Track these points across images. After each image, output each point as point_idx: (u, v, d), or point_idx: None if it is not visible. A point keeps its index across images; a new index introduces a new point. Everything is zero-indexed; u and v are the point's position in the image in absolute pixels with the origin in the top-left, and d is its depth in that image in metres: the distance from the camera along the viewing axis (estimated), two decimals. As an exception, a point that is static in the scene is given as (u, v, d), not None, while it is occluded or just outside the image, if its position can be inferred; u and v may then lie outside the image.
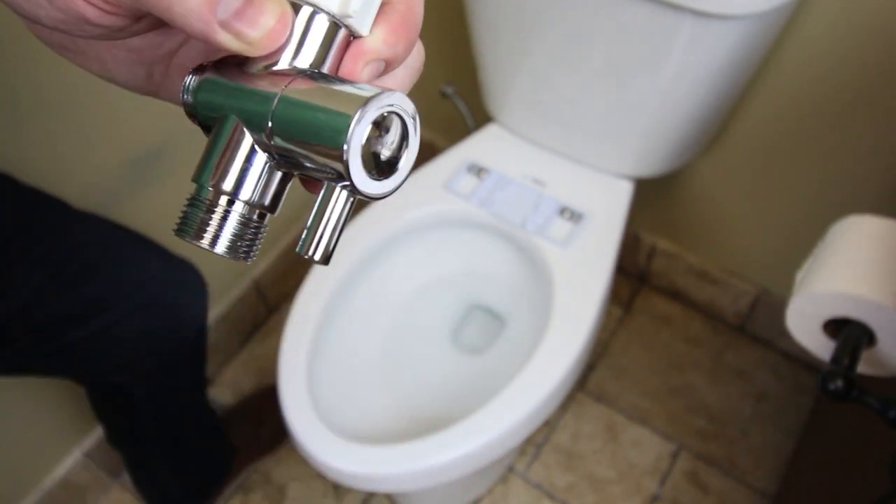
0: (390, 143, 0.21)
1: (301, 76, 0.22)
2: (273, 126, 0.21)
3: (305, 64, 0.22)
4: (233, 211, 0.22)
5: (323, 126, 0.20)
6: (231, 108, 0.22)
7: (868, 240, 0.57)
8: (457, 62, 1.33)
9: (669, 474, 1.24)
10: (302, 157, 0.21)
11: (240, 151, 0.22)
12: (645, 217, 1.35)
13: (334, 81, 0.21)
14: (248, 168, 0.22)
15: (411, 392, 1.00)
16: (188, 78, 0.24)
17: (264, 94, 0.21)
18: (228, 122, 0.22)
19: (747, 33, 0.79)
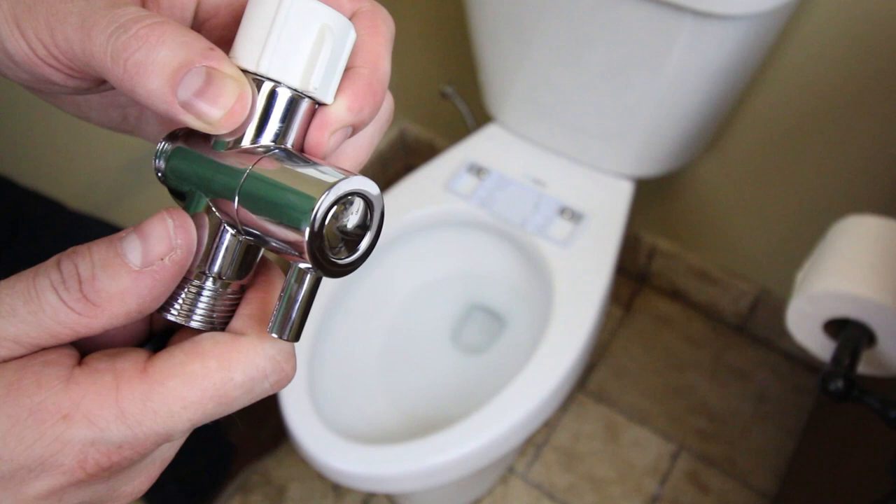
0: (353, 224, 0.22)
1: (267, 156, 0.22)
2: (239, 207, 0.22)
3: (270, 137, 0.23)
4: (205, 287, 0.23)
5: (284, 211, 0.21)
6: (200, 183, 0.23)
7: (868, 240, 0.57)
8: (457, 62, 1.33)
9: (669, 474, 1.24)
10: (266, 238, 0.22)
11: (209, 230, 0.23)
12: (645, 217, 1.35)
13: (298, 162, 0.22)
14: (218, 246, 0.23)
15: (411, 392, 1.00)
16: (160, 144, 0.24)
17: (231, 174, 0.22)
18: (197, 199, 0.23)
19: (747, 33, 0.79)
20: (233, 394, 0.21)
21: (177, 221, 0.21)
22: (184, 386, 0.20)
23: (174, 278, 0.21)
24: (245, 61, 0.22)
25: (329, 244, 0.21)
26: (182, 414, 0.20)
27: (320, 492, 1.23)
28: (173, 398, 0.20)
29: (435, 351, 1.06)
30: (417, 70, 1.43)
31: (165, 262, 0.20)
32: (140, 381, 0.20)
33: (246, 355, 0.21)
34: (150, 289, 0.20)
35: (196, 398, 0.20)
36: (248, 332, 0.22)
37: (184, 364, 0.20)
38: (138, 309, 0.20)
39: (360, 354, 1.01)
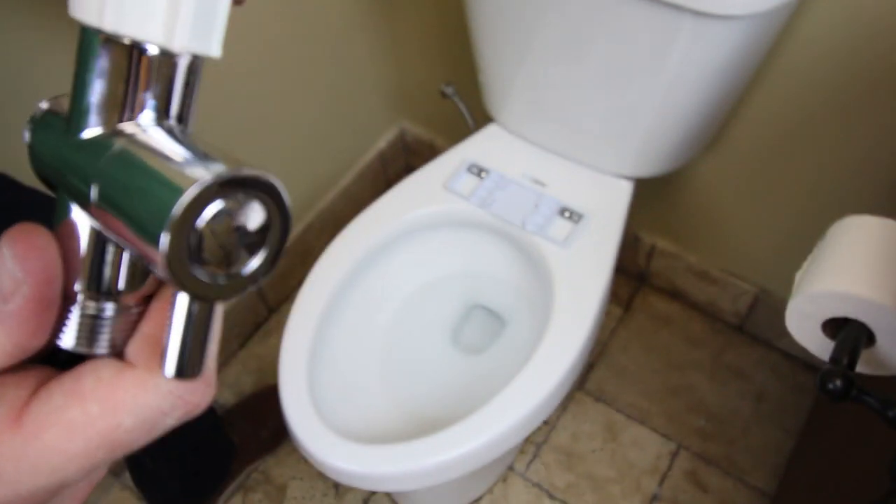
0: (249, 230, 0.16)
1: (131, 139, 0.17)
2: (96, 211, 0.17)
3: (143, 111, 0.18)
4: (88, 308, 0.19)
5: (139, 216, 0.16)
6: (59, 177, 0.18)
7: (867, 240, 0.57)
8: (457, 62, 1.33)
9: (669, 474, 1.24)
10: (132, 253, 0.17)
11: (85, 237, 0.18)
12: (645, 217, 1.35)
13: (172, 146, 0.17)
14: (98, 256, 0.18)
15: (411, 391, 1.00)
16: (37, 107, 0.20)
17: (84, 168, 0.17)
18: (64, 202, 0.18)
19: (747, 33, 0.80)
20: (124, 439, 0.18)
21: (19, 248, 0.17)
22: (64, 438, 0.17)
23: (40, 311, 0.18)
24: (85, 13, 0.17)
25: (209, 258, 0.16)
26: (67, 466, 0.17)
27: (321, 491, 1.23)
28: (53, 452, 0.17)
29: (435, 351, 1.06)
30: (417, 70, 1.43)
31: (18, 299, 0.17)
32: (13, 433, 0.17)
33: (134, 396, 0.18)
34: (16, 327, 0.17)
35: (80, 450, 0.17)
36: (139, 361, 0.19)
37: (62, 410, 0.17)
38: (15, 347, 0.18)
39: (360, 354, 1.01)
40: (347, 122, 1.44)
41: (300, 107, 1.29)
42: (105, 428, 0.17)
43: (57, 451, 0.17)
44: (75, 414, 0.17)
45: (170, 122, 0.18)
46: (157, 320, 0.19)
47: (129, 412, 0.18)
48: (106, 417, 0.17)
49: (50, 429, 0.17)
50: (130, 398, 0.18)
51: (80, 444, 0.17)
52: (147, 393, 0.18)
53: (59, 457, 0.17)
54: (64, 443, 0.17)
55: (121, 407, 0.18)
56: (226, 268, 0.17)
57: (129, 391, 0.18)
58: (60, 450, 0.17)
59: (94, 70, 0.17)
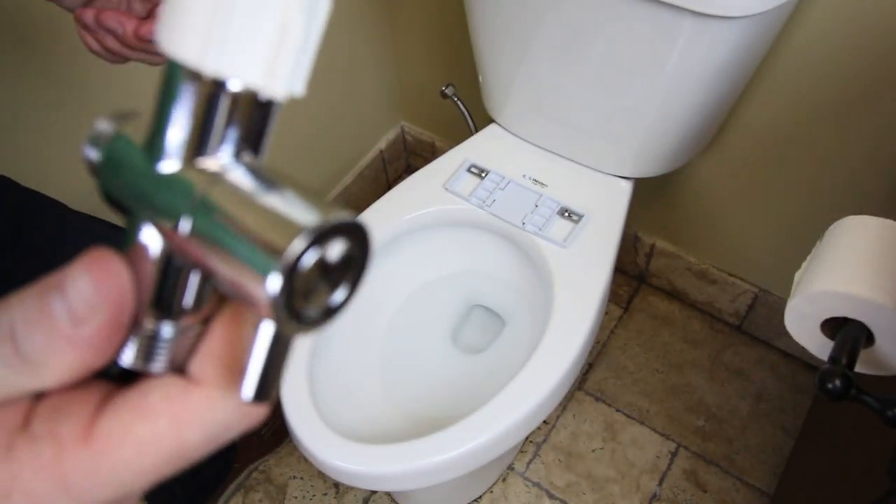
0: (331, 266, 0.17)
1: (223, 175, 0.18)
2: (187, 243, 0.18)
3: (226, 147, 0.18)
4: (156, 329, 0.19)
5: (244, 257, 0.16)
6: (139, 201, 0.18)
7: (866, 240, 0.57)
8: (457, 62, 1.33)
9: (668, 473, 1.24)
10: (223, 286, 0.18)
11: (156, 261, 0.19)
12: (644, 217, 1.35)
13: (264, 187, 0.17)
14: (168, 279, 0.19)
15: (411, 391, 1.00)
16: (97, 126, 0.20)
17: (177, 199, 0.18)
18: (137, 221, 0.19)
19: (746, 34, 0.80)
20: (190, 454, 0.18)
21: (97, 273, 0.17)
22: (133, 453, 0.18)
23: (112, 334, 0.18)
24: (183, 51, 0.17)
25: (300, 298, 0.17)
26: (134, 482, 0.18)
27: (321, 490, 1.23)
28: (122, 468, 0.17)
29: (435, 350, 1.07)
30: (417, 70, 1.43)
31: (93, 324, 0.17)
32: (83, 450, 0.17)
33: (202, 412, 0.18)
34: (88, 348, 0.18)
35: (148, 464, 0.18)
36: (206, 378, 0.19)
37: (131, 426, 0.18)
38: (84, 366, 0.18)
39: (360, 354, 1.02)
40: (348, 122, 1.44)
41: (301, 108, 1.29)
42: (173, 443, 0.18)
43: (126, 467, 0.18)
44: (144, 430, 0.18)
45: (251, 159, 0.18)
46: (221, 340, 0.20)
47: (197, 428, 0.18)
48: (174, 434, 0.18)
49: (119, 445, 0.18)
50: (199, 415, 0.18)
51: (149, 460, 0.18)
52: (215, 410, 0.18)
53: (127, 472, 0.18)
54: (133, 458, 0.18)
55: (189, 423, 0.18)
56: (317, 302, 0.17)
57: (198, 408, 0.18)
58: (130, 466, 0.18)
59: (180, 104, 0.17)
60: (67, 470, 0.17)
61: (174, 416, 0.18)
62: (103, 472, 0.17)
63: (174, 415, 0.18)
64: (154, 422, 0.18)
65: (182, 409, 0.18)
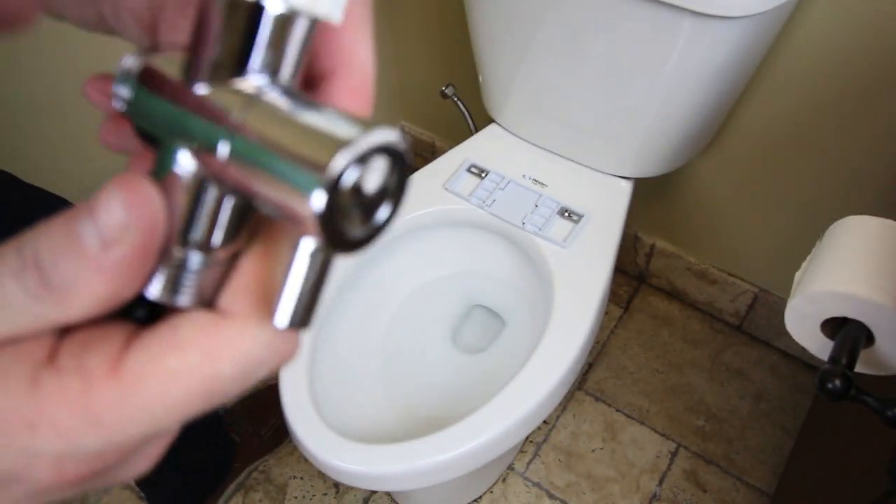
0: (373, 187, 0.17)
1: (261, 97, 0.18)
2: (227, 166, 0.17)
3: (262, 68, 0.18)
4: (186, 259, 0.19)
5: (288, 176, 0.16)
6: (173, 129, 0.18)
7: (866, 240, 0.57)
8: (457, 62, 1.33)
9: (668, 473, 1.24)
10: (264, 205, 0.18)
11: (189, 190, 0.18)
12: (644, 217, 1.35)
13: (302, 106, 0.17)
14: (201, 208, 0.19)
15: (411, 391, 1.01)
16: (124, 63, 0.20)
17: (215, 123, 0.18)
18: (171, 151, 0.18)
19: (746, 34, 0.80)
20: (222, 388, 0.18)
21: (129, 195, 0.17)
22: (164, 387, 0.17)
23: (141, 260, 0.17)
24: None
25: (343, 215, 0.17)
26: (165, 416, 0.17)
27: (321, 490, 1.23)
28: (153, 401, 0.17)
29: (435, 350, 1.07)
30: (417, 70, 1.43)
31: (124, 247, 0.17)
32: (113, 382, 0.17)
33: (235, 343, 0.18)
34: (117, 275, 0.17)
35: (179, 398, 0.17)
36: (238, 310, 0.18)
37: (161, 359, 0.17)
38: (113, 296, 0.17)
39: (360, 354, 1.02)
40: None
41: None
42: (205, 376, 0.17)
43: (156, 401, 0.17)
44: (175, 362, 0.17)
45: (288, 82, 0.18)
46: (253, 273, 0.19)
47: (230, 360, 0.18)
48: (206, 366, 0.17)
49: (150, 378, 0.17)
50: (231, 346, 0.18)
51: (180, 393, 0.17)
52: (247, 341, 0.18)
53: (158, 406, 0.17)
54: (164, 392, 0.17)
55: (221, 355, 0.18)
56: (361, 220, 0.17)
57: (231, 339, 0.18)
58: (160, 399, 0.17)
59: (218, 24, 0.17)
60: (96, 403, 0.17)
61: (206, 348, 0.18)
62: (133, 406, 0.17)
63: (206, 346, 0.18)
64: (185, 353, 0.17)
65: (214, 340, 0.18)
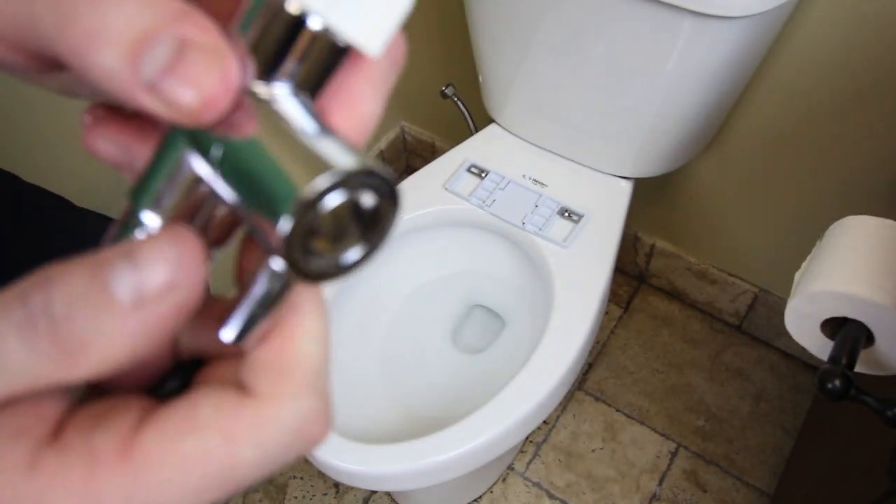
0: (354, 222, 0.17)
1: (275, 105, 0.18)
2: (222, 165, 0.17)
3: (285, 79, 0.18)
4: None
5: (264, 190, 0.16)
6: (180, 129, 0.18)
7: (866, 240, 0.57)
8: (457, 62, 1.33)
9: (668, 473, 1.24)
10: (242, 210, 0.17)
11: (184, 180, 0.18)
12: (644, 217, 1.35)
13: (308, 125, 0.17)
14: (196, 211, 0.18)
15: (411, 391, 1.01)
16: None
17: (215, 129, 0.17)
18: (175, 144, 0.18)
19: (746, 34, 0.80)
20: (244, 475, 0.16)
21: (182, 251, 0.16)
22: (178, 473, 0.15)
23: (178, 322, 0.16)
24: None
25: (312, 243, 0.16)
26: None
27: (321, 490, 1.23)
28: (164, 489, 0.15)
29: (435, 350, 1.07)
30: (418, 70, 1.43)
31: (164, 308, 0.15)
32: (121, 468, 0.15)
33: (258, 427, 0.16)
34: (142, 336, 0.15)
35: (193, 487, 0.16)
36: (261, 388, 0.17)
37: (177, 441, 0.16)
38: (130, 357, 0.16)
39: (360, 354, 1.02)
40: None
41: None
42: (223, 462, 0.16)
43: (168, 489, 0.15)
44: (191, 446, 0.16)
45: (307, 99, 0.18)
46: (275, 348, 0.18)
47: (252, 445, 0.16)
48: (225, 451, 0.16)
49: (163, 463, 0.15)
50: (255, 428, 0.16)
51: (195, 481, 0.16)
52: (273, 423, 0.16)
53: (169, 495, 0.16)
54: (177, 479, 0.15)
55: (243, 438, 0.16)
56: (334, 254, 0.17)
57: (255, 421, 0.16)
58: (172, 487, 0.15)
59: (257, 26, 0.17)
60: (101, 492, 0.15)
61: (226, 430, 0.16)
62: (142, 494, 0.15)
63: (225, 429, 0.16)
64: (204, 436, 0.16)
65: (235, 422, 0.16)
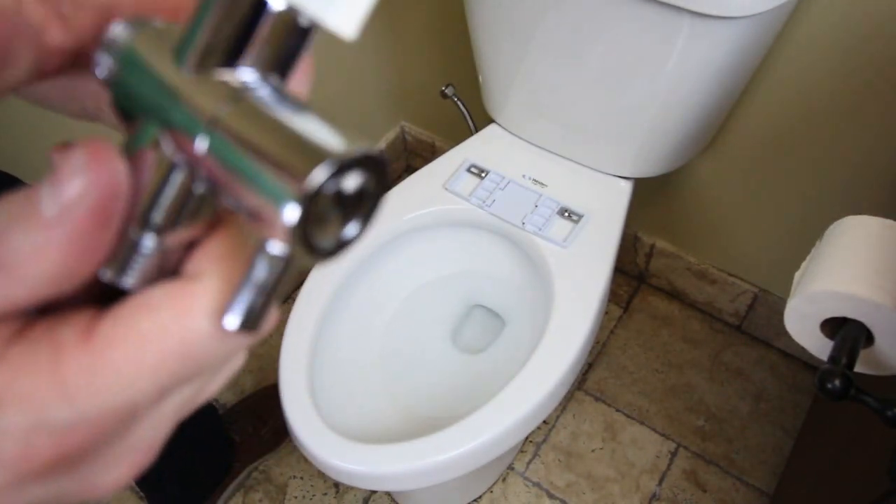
0: (347, 196, 0.17)
1: (247, 94, 0.17)
2: (205, 159, 0.17)
3: (254, 62, 0.18)
4: (142, 240, 0.18)
5: (266, 181, 0.16)
6: (154, 111, 0.18)
7: (866, 240, 0.57)
8: (457, 62, 1.33)
9: (668, 473, 1.24)
10: (235, 203, 0.17)
11: (158, 169, 0.18)
12: (644, 217, 1.35)
13: (288, 109, 0.17)
14: (164, 189, 0.18)
15: (411, 391, 1.01)
16: (112, 30, 0.19)
17: (198, 114, 0.17)
18: (147, 129, 0.18)
19: (746, 34, 0.80)
20: (202, 347, 0.17)
21: (91, 157, 0.16)
22: (136, 349, 0.16)
23: (97, 228, 0.16)
24: None
25: (314, 225, 0.16)
26: (140, 382, 0.16)
27: (321, 490, 1.23)
28: (125, 365, 0.16)
29: (435, 350, 1.07)
30: (417, 70, 1.43)
31: (79, 211, 0.16)
32: (83, 349, 0.16)
33: (208, 299, 0.17)
34: (67, 244, 0.16)
35: (154, 361, 0.16)
36: (205, 271, 0.18)
37: (132, 322, 0.16)
38: (62, 270, 0.16)
39: (360, 353, 1.02)
40: (348, 122, 1.44)
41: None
42: (178, 334, 0.17)
43: (128, 363, 0.16)
44: (146, 324, 0.16)
45: (278, 82, 0.18)
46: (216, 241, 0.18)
47: (203, 315, 0.17)
48: (179, 323, 0.17)
49: (121, 341, 0.16)
50: (203, 302, 0.17)
51: (153, 355, 0.16)
52: (220, 294, 0.17)
53: (131, 369, 0.16)
54: (136, 354, 0.16)
55: (194, 311, 0.17)
56: (329, 232, 0.17)
57: (202, 296, 0.17)
58: (132, 361, 0.16)
59: (217, 11, 0.17)
60: (67, 372, 0.16)
61: (177, 306, 0.17)
62: (105, 371, 0.16)
63: (177, 304, 0.17)
64: (156, 315, 0.17)
65: (184, 299, 0.17)
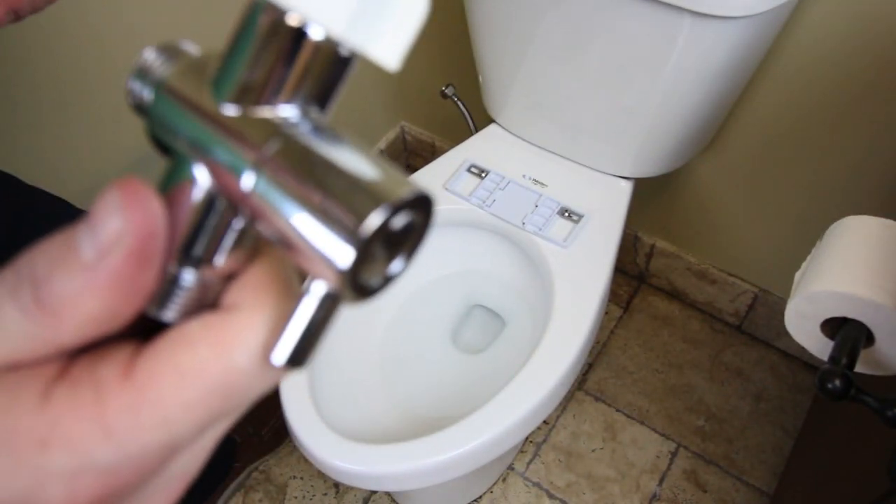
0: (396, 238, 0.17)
1: (293, 132, 0.17)
2: (250, 199, 0.17)
3: (295, 96, 0.17)
4: (182, 276, 0.18)
5: (318, 224, 0.15)
6: (195, 146, 0.17)
7: (866, 240, 0.57)
8: (457, 62, 1.33)
9: (668, 473, 1.24)
10: (282, 244, 0.17)
11: (197, 206, 0.17)
12: (644, 217, 1.35)
13: (336, 147, 0.17)
14: (204, 225, 0.18)
15: (412, 391, 1.01)
16: (146, 57, 0.18)
17: (242, 152, 0.16)
18: (185, 163, 0.17)
19: (746, 34, 0.80)
20: (240, 381, 0.17)
21: (127, 200, 0.16)
22: (176, 385, 0.16)
23: (138, 269, 0.16)
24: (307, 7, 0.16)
25: (363, 267, 0.16)
26: (181, 418, 0.16)
27: (321, 490, 1.23)
28: (166, 401, 0.16)
29: (435, 350, 1.07)
30: (417, 70, 1.43)
31: (118, 255, 0.16)
32: (123, 388, 0.16)
33: (246, 332, 0.17)
34: (109, 287, 0.16)
35: (194, 397, 0.16)
36: (243, 301, 0.18)
37: (171, 357, 0.17)
38: (105, 313, 0.16)
39: (360, 354, 1.02)
40: (348, 122, 1.44)
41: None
42: (219, 370, 0.17)
43: (170, 400, 0.16)
44: (186, 359, 0.16)
45: (318, 115, 0.18)
46: (252, 273, 0.18)
47: (243, 350, 0.17)
48: (218, 359, 0.17)
49: (161, 378, 0.16)
50: (242, 335, 0.17)
51: (194, 391, 0.16)
52: (259, 328, 0.17)
53: (172, 406, 0.16)
54: (177, 390, 0.16)
55: (233, 345, 0.17)
56: (375, 271, 0.17)
57: (241, 329, 0.17)
58: (173, 398, 0.16)
59: (255, 45, 0.16)
60: (109, 411, 0.16)
61: (216, 339, 0.17)
62: (146, 409, 0.16)
63: (215, 339, 0.17)
64: (195, 349, 0.17)
65: (223, 332, 0.17)
